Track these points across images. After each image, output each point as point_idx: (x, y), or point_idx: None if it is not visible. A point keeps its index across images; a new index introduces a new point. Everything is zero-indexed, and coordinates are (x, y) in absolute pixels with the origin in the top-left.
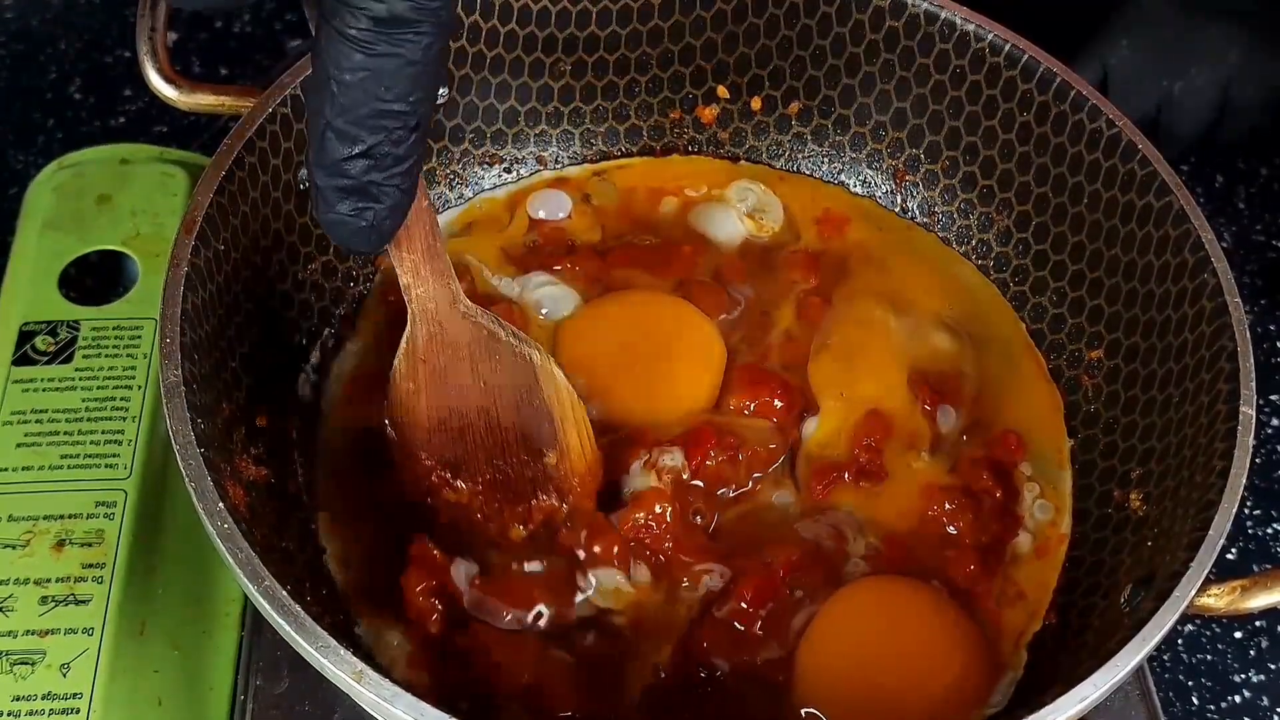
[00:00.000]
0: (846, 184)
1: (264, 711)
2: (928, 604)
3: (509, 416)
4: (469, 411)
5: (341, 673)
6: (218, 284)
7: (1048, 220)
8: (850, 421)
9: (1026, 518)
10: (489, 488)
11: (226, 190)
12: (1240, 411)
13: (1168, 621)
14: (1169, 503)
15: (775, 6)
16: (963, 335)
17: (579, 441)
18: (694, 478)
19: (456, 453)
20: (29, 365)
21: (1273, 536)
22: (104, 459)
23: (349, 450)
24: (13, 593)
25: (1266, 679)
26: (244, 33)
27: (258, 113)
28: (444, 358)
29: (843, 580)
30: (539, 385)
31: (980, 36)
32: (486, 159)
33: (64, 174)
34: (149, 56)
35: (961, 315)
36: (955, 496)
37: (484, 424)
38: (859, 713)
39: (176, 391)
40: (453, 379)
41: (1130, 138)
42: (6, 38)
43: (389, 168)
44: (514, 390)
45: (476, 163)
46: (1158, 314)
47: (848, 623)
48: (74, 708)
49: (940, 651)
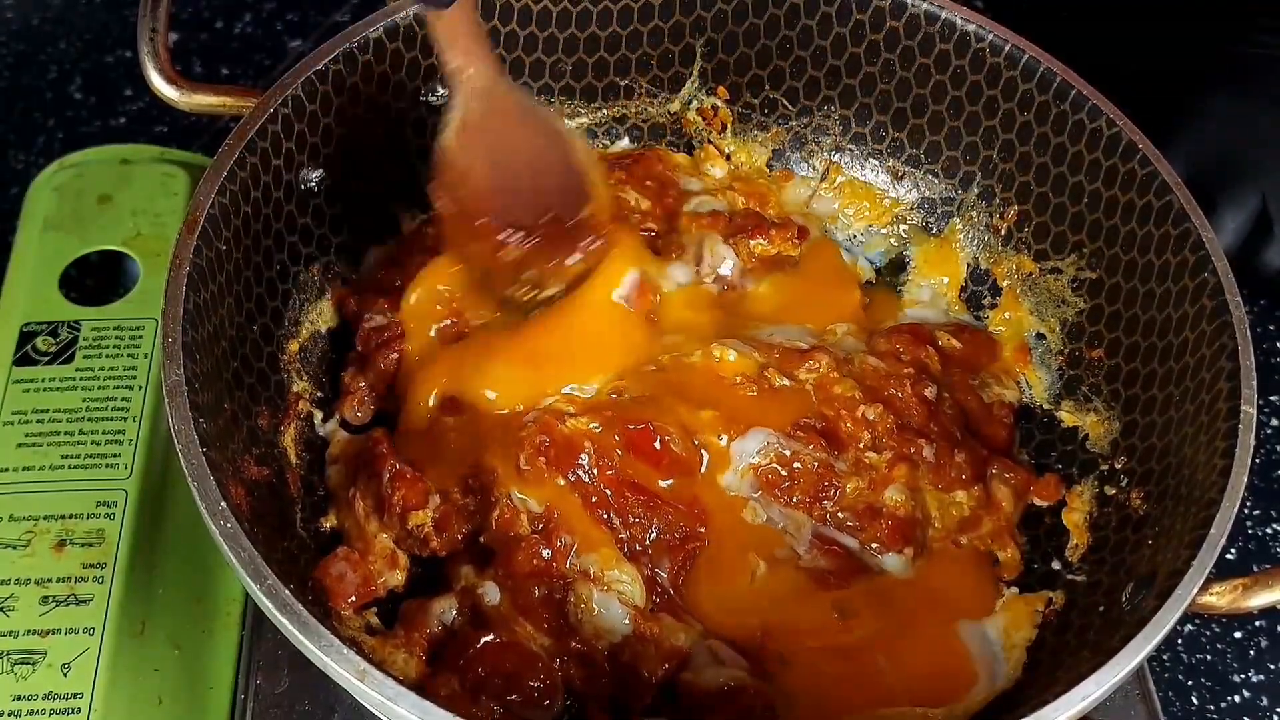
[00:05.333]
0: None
1: (265, 711)
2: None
3: (553, 175)
4: (521, 174)
5: (345, 672)
6: (219, 284)
7: (1048, 220)
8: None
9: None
10: (540, 243)
11: (228, 190)
12: (1241, 410)
13: (1170, 620)
14: (1170, 502)
15: (775, 6)
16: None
17: (604, 193)
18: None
19: (513, 213)
20: (30, 365)
21: (1272, 536)
22: (105, 459)
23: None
24: (13, 593)
25: (1266, 679)
26: (245, 33)
27: (259, 113)
28: (496, 128)
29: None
30: (571, 147)
31: (980, 37)
32: None
33: (65, 174)
34: (150, 56)
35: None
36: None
37: (534, 184)
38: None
39: (179, 391)
40: (504, 146)
41: (1130, 137)
42: (7, 38)
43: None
44: (552, 152)
45: None
46: (1158, 313)
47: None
48: (75, 707)
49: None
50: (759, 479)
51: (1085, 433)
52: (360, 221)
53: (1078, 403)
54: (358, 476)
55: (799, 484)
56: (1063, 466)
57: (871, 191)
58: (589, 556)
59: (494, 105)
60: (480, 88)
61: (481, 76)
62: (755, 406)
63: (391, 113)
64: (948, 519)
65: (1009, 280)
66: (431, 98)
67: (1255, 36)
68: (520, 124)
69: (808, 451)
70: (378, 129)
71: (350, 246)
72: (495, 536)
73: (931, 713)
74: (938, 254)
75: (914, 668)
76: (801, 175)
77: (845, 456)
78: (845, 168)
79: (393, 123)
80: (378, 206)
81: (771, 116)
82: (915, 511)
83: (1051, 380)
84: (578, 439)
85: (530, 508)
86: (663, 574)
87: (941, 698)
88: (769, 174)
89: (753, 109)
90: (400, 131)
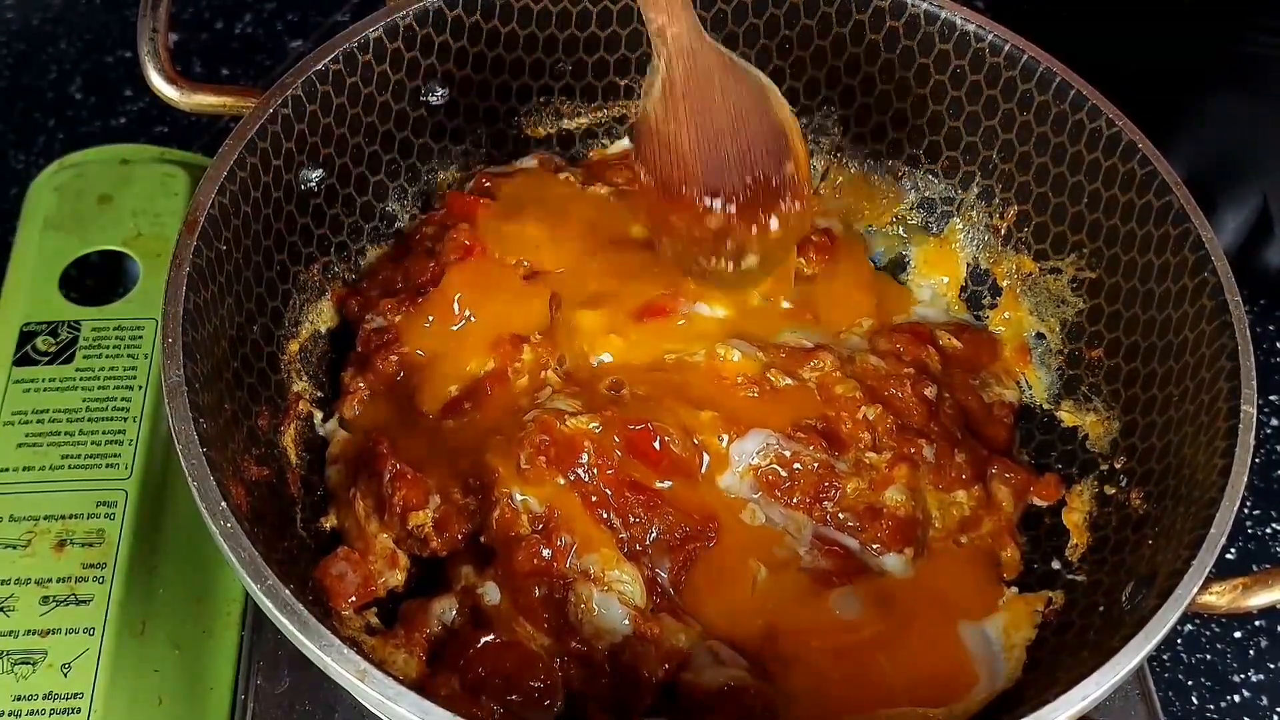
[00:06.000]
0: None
1: (265, 711)
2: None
3: (756, 133)
4: (724, 135)
5: (345, 672)
6: (219, 284)
7: (1048, 220)
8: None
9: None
10: (743, 208)
11: (228, 191)
12: (1241, 410)
13: (1170, 619)
14: (1169, 501)
15: (775, 7)
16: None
17: (801, 148)
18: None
19: (719, 178)
20: (30, 365)
21: (1272, 536)
22: (105, 459)
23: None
24: (14, 593)
25: (1266, 679)
26: (245, 33)
27: (259, 113)
28: (700, 89)
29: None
30: (770, 102)
31: (980, 37)
32: (488, 160)
33: (65, 174)
34: (150, 57)
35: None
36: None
37: (736, 145)
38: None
39: (179, 391)
40: (709, 107)
41: (1130, 137)
42: (7, 38)
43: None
44: (754, 109)
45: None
46: (1158, 313)
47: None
48: (75, 707)
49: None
50: (759, 480)
51: (1085, 433)
52: (360, 221)
53: (1078, 403)
54: (358, 476)
55: (799, 485)
56: (1063, 466)
57: (871, 191)
58: (589, 557)
59: (699, 64)
60: (685, 47)
61: (686, 34)
62: (755, 407)
63: (391, 113)
64: (948, 519)
65: (1009, 280)
66: (431, 98)
67: (1255, 36)
68: (724, 82)
69: (808, 452)
70: (377, 129)
71: (350, 246)
72: (495, 536)
73: (932, 713)
74: (938, 254)
75: (914, 668)
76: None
77: (846, 457)
78: (845, 168)
79: (393, 123)
80: (378, 206)
81: None
82: (916, 512)
83: (1051, 380)
84: (578, 438)
85: (531, 508)
86: (663, 574)
87: (942, 698)
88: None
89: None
90: (400, 131)
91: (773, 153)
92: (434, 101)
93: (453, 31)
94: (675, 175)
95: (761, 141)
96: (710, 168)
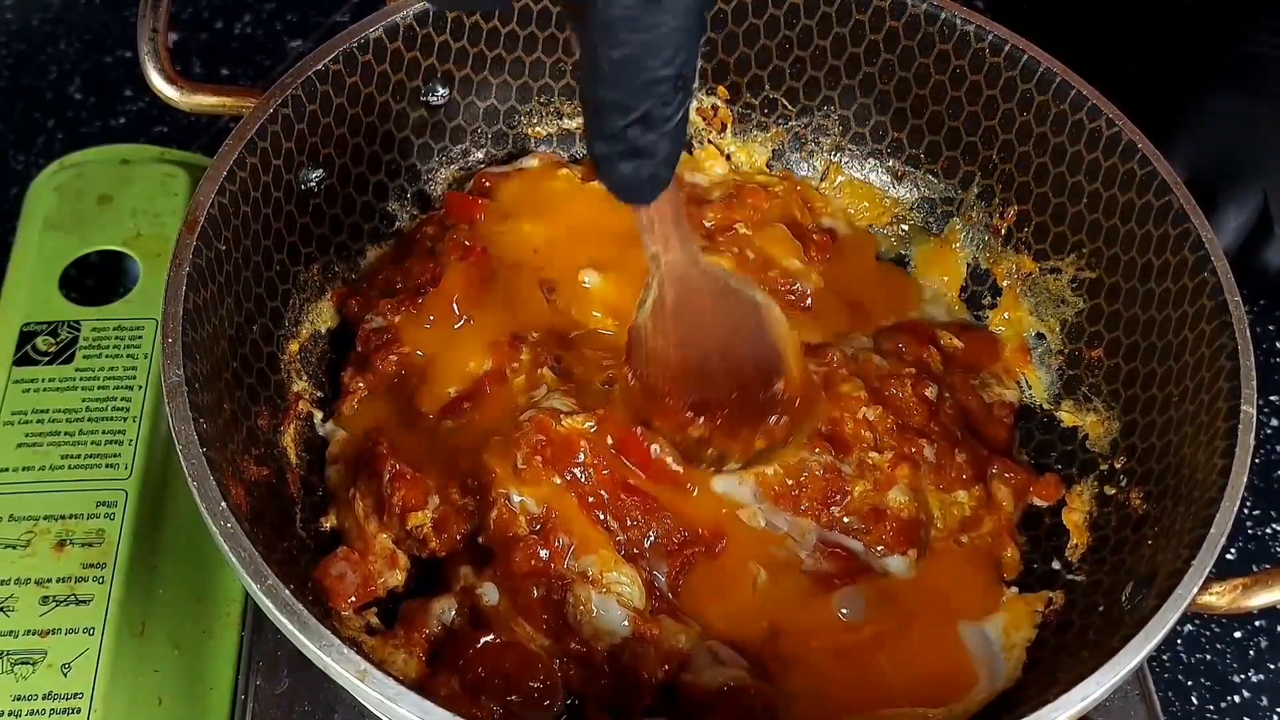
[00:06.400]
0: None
1: (265, 711)
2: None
3: (745, 353)
4: (712, 354)
5: (345, 672)
6: (219, 284)
7: (1048, 220)
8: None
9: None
10: (727, 420)
11: (228, 191)
12: (1241, 410)
13: (1170, 619)
14: (1169, 501)
15: (775, 7)
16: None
17: (797, 368)
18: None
19: (703, 392)
20: (30, 365)
21: (1272, 536)
22: (105, 459)
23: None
24: (13, 593)
25: (1266, 679)
26: (245, 33)
27: (259, 113)
28: (690, 311)
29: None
30: (766, 323)
31: (980, 37)
32: (488, 160)
33: (65, 174)
34: (150, 57)
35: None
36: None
37: (725, 364)
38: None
39: (179, 391)
40: (698, 328)
41: (1130, 137)
42: (7, 38)
43: (661, 126)
44: (746, 330)
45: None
46: (1158, 312)
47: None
48: (75, 707)
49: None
50: (761, 485)
51: (1085, 433)
52: (360, 221)
53: (1077, 402)
54: (358, 476)
55: (807, 491)
56: (1063, 466)
57: (871, 191)
58: (587, 558)
59: (690, 287)
60: (678, 273)
61: (679, 262)
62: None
63: (391, 113)
64: (949, 519)
65: (1009, 280)
66: (432, 98)
67: (1255, 36)
68: (715, 304)
69: (814, 457)
70: (377, 129)
71: (350, 246)
72: (493, 537)
73: (932, 713)
74: (938, 254)
75: (915, 668)
76: (801, 175)
77: (850, 459)
78: (845, 168)
79: (393, 123)
80: (378, 206)
81: (771, 117)
82: (919, 513)
83: (1051, 380)
84: (575, 438)
85: (528, 508)
86: (661, 577)
87: (942, 698)
88: (768, 173)
89: (753, 109)
90: (400, 131)
91: (763, 372)
92: (434, 101)
93: (453, 31)
94: (661, 387)
95: (751, 362)
96: (696, 384)
